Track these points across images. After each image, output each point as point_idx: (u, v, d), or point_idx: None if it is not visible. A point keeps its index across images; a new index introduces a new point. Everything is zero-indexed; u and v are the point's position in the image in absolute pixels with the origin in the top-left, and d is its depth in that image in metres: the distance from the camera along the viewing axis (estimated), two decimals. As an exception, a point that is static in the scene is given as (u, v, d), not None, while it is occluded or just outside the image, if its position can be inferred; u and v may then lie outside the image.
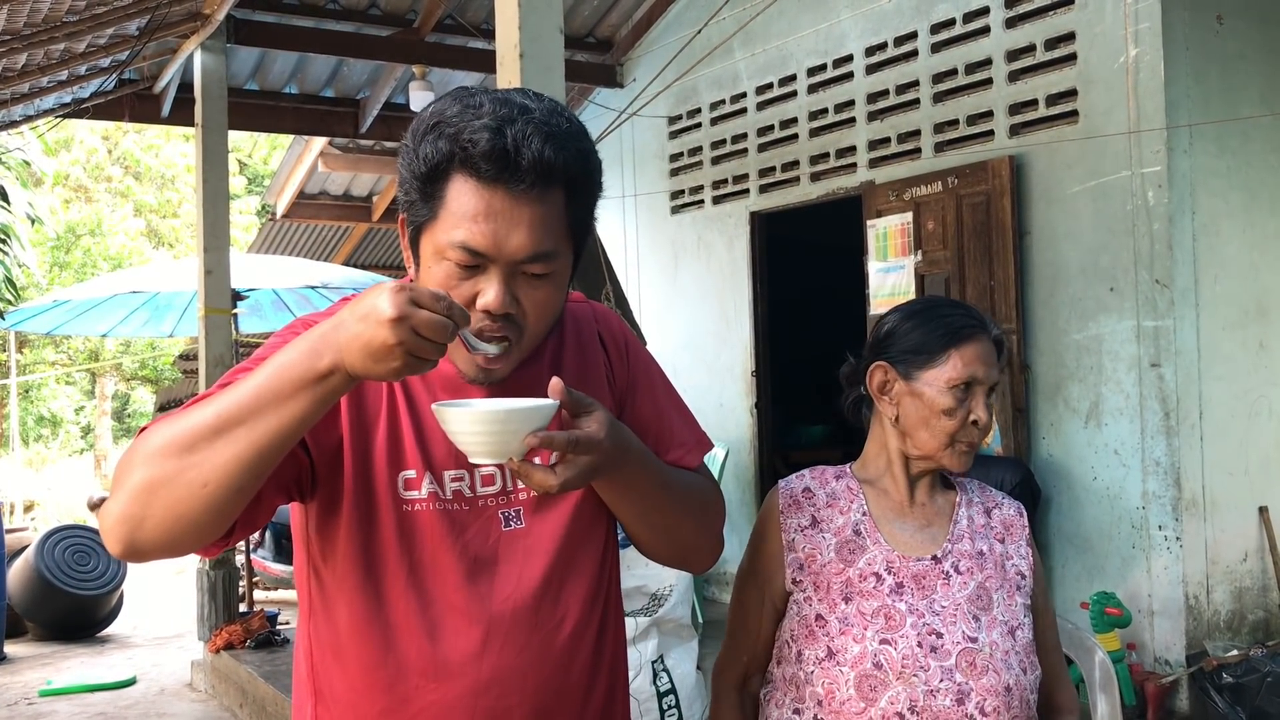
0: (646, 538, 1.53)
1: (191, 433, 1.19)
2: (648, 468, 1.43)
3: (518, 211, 1.29)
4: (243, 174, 24.22)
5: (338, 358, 1.16)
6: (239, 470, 1.19)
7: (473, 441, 1.26)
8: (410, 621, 1.40)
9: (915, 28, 6.03)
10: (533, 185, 1.28)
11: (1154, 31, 4.89)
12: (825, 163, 6.62)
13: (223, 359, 6.68)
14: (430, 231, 1.33)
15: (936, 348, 1.71)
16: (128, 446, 1.26)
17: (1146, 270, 4.93)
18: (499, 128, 1.27)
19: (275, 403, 1.18)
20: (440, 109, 1.32)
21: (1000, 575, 1.73)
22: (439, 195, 1.30)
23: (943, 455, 1.71)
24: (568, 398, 1.29)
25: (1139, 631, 4.94)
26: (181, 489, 1.18)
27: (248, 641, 6.41)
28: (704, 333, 7.48)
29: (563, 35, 3.06)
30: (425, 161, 1.30)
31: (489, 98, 1.32)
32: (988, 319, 1.76)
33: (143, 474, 1.20)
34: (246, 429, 1.18)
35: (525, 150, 1.27)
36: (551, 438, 1.26)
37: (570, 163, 1.31)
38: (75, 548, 8.48)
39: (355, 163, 10.15)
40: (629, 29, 8.04)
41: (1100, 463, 5.13)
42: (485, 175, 1.28)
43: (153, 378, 23.10)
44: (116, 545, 1.23)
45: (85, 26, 5.68)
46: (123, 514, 1.20)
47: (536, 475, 1.28)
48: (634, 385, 1.57)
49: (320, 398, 1.19)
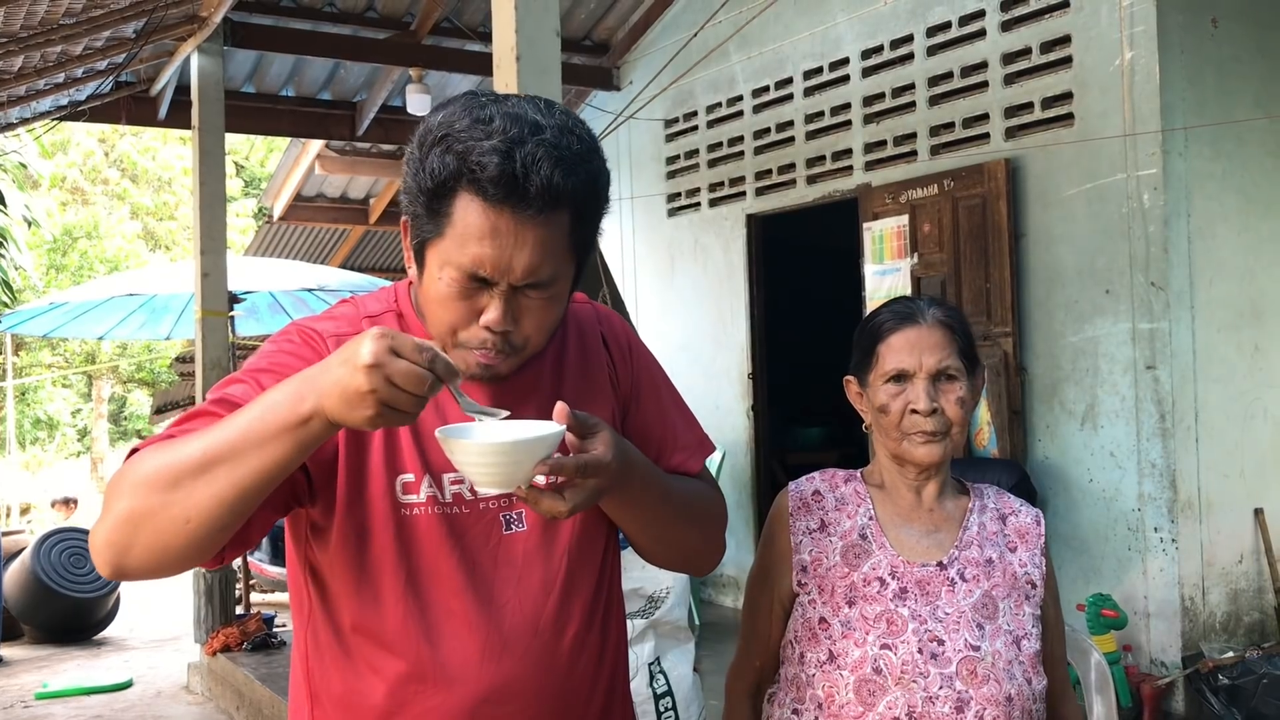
0: (649, 547, 1.53)
1: (175, 469, 1.19)
2: (650, 481, 1.42)
3: (523, 234, 1.28)
4: (240, 176, 24.20)
5: (318, 402, 1.15)
6: (220, 508, 1.19)
7: (480, 472, 1.23)
8: (408, 626, 1.39)
9: (911, 31, 6.04)
10: (540, 210, 1.27)
11: (1149, 35, 4.90)
12: (821, 165, 6.63)
13: (219, 361, 6.68)
14: (436, 246, 1.32)
15: (869, 349, 1.74)
16: (119, 467, 1.26)
17: (1142, 273, 4.94)
18: (509, 150, 1.25)
19: (258, 444, 1.17)
20: (448, 120, 1.29)
21: (1009, 584, 1.71)
22: (445, 212, 1.29)
23: (904, 450, 1.70)
24: (573, 420, 1.28)
25: (1135, 633, 4.94)
26: (164, 523, 1.19)
27: (244, 644, 6.41)
28: (701, 335, 7.48)
29: (559, 38, 3.07)
30: (432, 177, 1.28)
31: (499, 111, 1.29)
32: (926, 305, 1.73)
33: (127, 505, 1.20)
34: (228, 469, 1.17)
35: (534, 176, 1.25)
36: (562, 464, 1.25)
37: (578, 187, 1.30)
38: (72, 550, 8.47)
39: (352, 165, 10.15)
40: (626, 32, 8.05)
41: (1096, 465, 5.14)
42: (492, 198, 1.26)
43: (149, 380, 23.08)
44: (105, 569, 1.24)
45: (82, 29, 5.67)
46: (109, 540, 1.21)
47: (545, 502, 1.27)
48: (638, 387, 1.56)
49: (301, 442, 1.18)
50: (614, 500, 1.39)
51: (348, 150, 9.89)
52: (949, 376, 1.69)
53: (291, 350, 1.40)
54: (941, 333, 1.70)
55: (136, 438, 26.96)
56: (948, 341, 1.70)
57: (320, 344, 1.41)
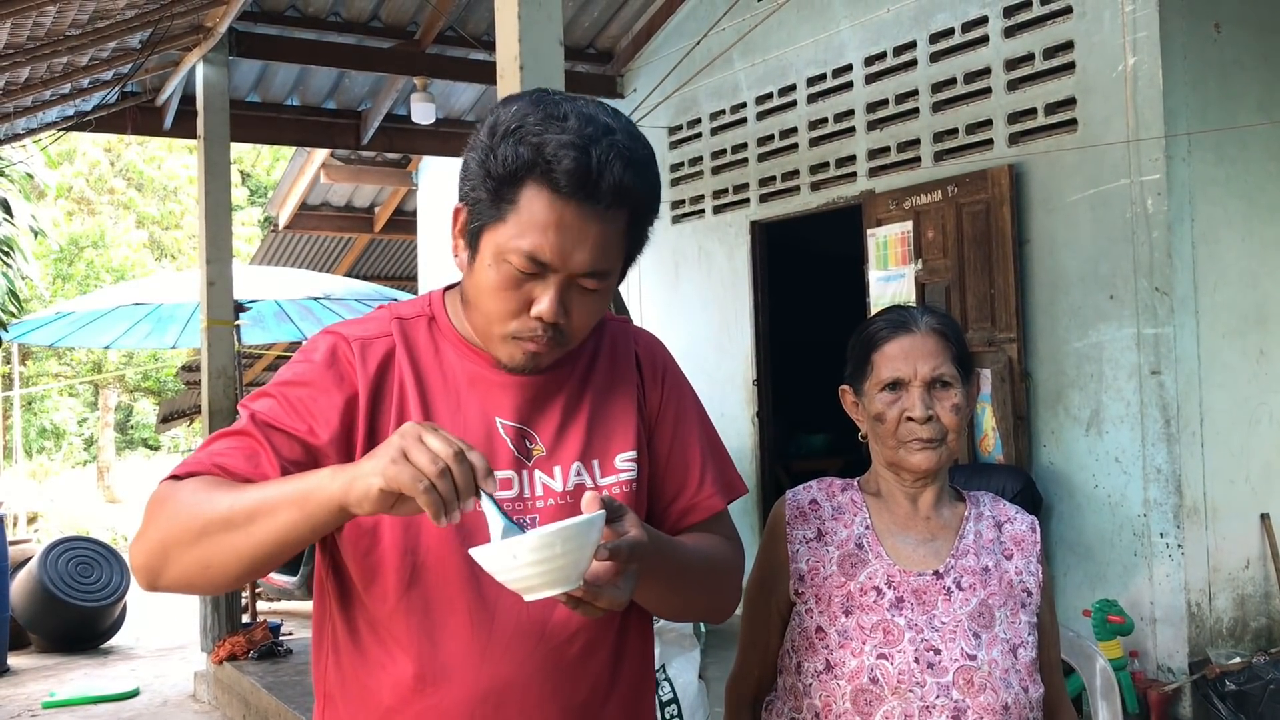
0: (661, 612, 1.52)
1: (202, 518, 1.24)
2: (668, 555, 1.38)
3: (586, 228, 1.31)
4: (245, 185, 24.28)
5: (341, 488, 1.19)
6: (238, 564, 1.25)
7: (538, 570, 1.15)
8: (410, 623, 1.39)
9: (914, 37, 6.05)
10: (607, 207, 1.31)
11: (1152, 40, 4.90)
12: (825, 172, 6.64)
13: (225, 370, 6.69)
14: (493, 232, 1.34)
15: (863, 358, 1.74)
16: (158, 488, 1.32)
17: (1146, 278, 4.94)
18: (585, 147, 1.29)
19: (270, 514, 1.22)
20: (522, 113, 1.32)
21: (1005, 592, 1.70)
22: (511, 199, 1.32)
23: (900, 458, 1.70)
24: (601, 504, 1.23)
25: (1141, 639, 4.93)
26: (189, 563, 1.27)
27: (251, 652, 6.42)
28: (705, 342, 7.49)
29: (563, 47, 3.08)
30: (504, 164, 1.31)
31: (573, 109, 1.32)
32: (919, 313, 1.74)
33: (160, 536, 1.28)
34: (244, 533, 1.23)
35: (607, 174, 1.29)
36: (619, 546, 1.22)
37: (644, 190, 1.35)
38: (78, 559, 8.48)
39: (357, 174, 10.19)
40: (629, 40, 8.07)
41: (1101, 470, 5.13)
42: (563, 190, 1.29)
43: (155, 389, 23.13)
44: (142, 585, 1.33)
45: (88, 40, 5.70)
46: (145, 563, 1.30)
47: (607, 595, 1.23)
48: (664, 414, 1.55)
49: (311, 515, 1.21)
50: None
51: (352, 159, 9.93)
52: (944, 384, 1.69)
53: (317, 364, 1.43)
54: (935, 340, 1.71)
55: (143, 446, 27.03)
56: (942, 349, 1.70)
57: (346, 349, 1.43)
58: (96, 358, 22.62)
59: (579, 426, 1.47)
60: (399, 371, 1.43)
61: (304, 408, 1.38)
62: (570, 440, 1.46)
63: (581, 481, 1.45)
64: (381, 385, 1.42)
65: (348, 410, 1.39)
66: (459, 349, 1.47)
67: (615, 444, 1.49)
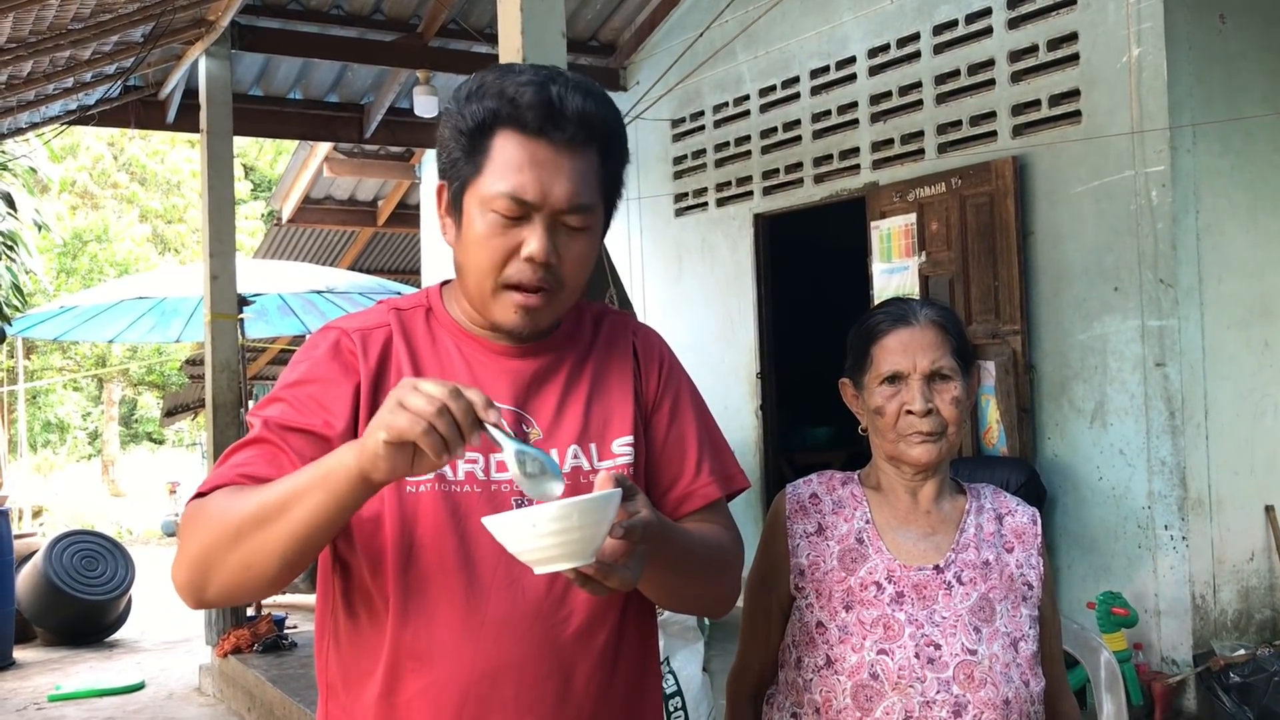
0: (662, 600, 1.51)
1: (235, 521, 1.26)
2: (671, 539, 1.37)
3: (560, 162, 1.36)
4: (249, 179, 24.28)
5: (357, 459, 1.20)
6: (274, 557, 1.26)
7: (553, 542, 1.14)
8: (407, 603, 1.40)
9: (918, 29, 6.04)
10: (574, 137, 1.36)
11: (1156, 31, 4.89)
12: (828, 164, 6.63)
13: (229, 364, 6.70)
14: (475, 186, 1.39)
15: (863, 352, 1.74)
16: (188, 508, 1.34)
17: (1150, 270, 4.93)
18: (543, 83, 1.36)
19: (298, 500, 1.23)
20: (480, 76, 1.41)
21: (1005, 586, 1.70)
22: (484, 149, 1.37)
23: (900, 451, 1.70)
24: (619, 484, 1.23)
25: (1145, 631, 4.93)
26: (232, 568, 1.28)
27: (255, 645, 6.43)
28: (708, 335, 7.48)
29: (565, 39, 3.08)
30: (472, 118, 1.37)
31: (526, 65, 1.43)
32: (919, 306, 1.73)
33: (198, 549, 1.30)
34: (277, 525, 1.24)
35: (570, 102, 1.36)
36: (632, 524, 1.23)
37: (608, 119, 1.40)
38: (83, 553, 8.50)
39: (360, 167, 10.18)
40: (632, 33, 8.06)
41: (1105, 463, 5.13)
42: (530, 127, 1.35)
43: (159, 383, 23.17)
44: (188, 602, 1.35)
45: (90, 34, 5.70)
46: (188, 580, 1.32)
47: (618, 574, 1.23)
48: (660, 402, 1.55)
49: (336, 493, 1.22)
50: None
51: (355, 152, 9.92)
52: (943, 376, 1.69)
53: (320, 359, 1.45)
54: (935, 333, 1.70)
55: (148, 440, 27.08)
56: (941, 341, 1.70)
57: (348, 341, 1.46)
58: (101, 351, 22.66)
59: (576, 411, 1.48)
60: (397, 359, 1.46)
61: (315, 403, 1.40)
62: (567, 424, 1.47)
63: (579, 465, 1.46)
64: (382, 373, 1.44)
65: (356, 399, 1.42)
66: (456, 336, 1.49)
67: (612, 428, 1.49)
